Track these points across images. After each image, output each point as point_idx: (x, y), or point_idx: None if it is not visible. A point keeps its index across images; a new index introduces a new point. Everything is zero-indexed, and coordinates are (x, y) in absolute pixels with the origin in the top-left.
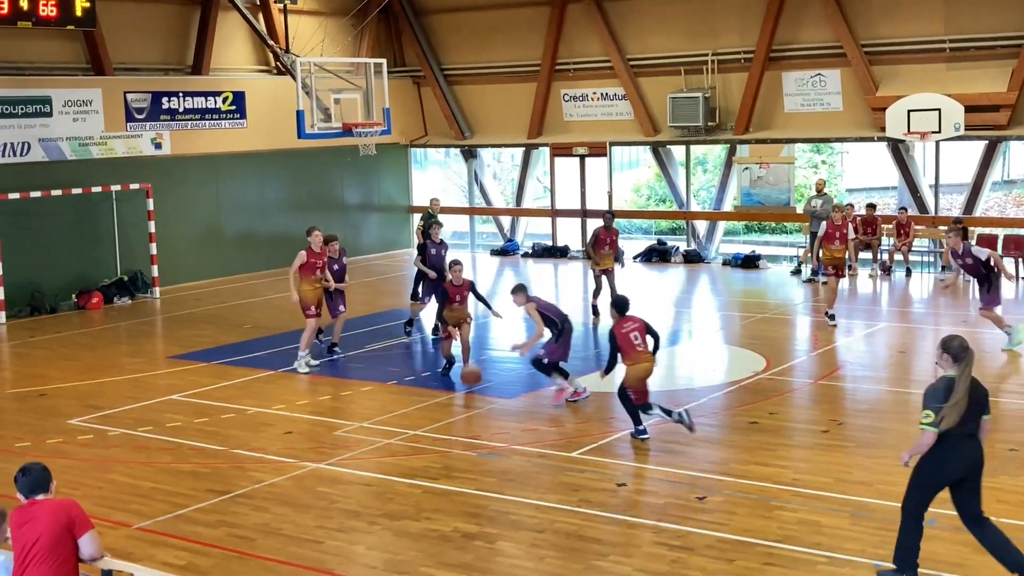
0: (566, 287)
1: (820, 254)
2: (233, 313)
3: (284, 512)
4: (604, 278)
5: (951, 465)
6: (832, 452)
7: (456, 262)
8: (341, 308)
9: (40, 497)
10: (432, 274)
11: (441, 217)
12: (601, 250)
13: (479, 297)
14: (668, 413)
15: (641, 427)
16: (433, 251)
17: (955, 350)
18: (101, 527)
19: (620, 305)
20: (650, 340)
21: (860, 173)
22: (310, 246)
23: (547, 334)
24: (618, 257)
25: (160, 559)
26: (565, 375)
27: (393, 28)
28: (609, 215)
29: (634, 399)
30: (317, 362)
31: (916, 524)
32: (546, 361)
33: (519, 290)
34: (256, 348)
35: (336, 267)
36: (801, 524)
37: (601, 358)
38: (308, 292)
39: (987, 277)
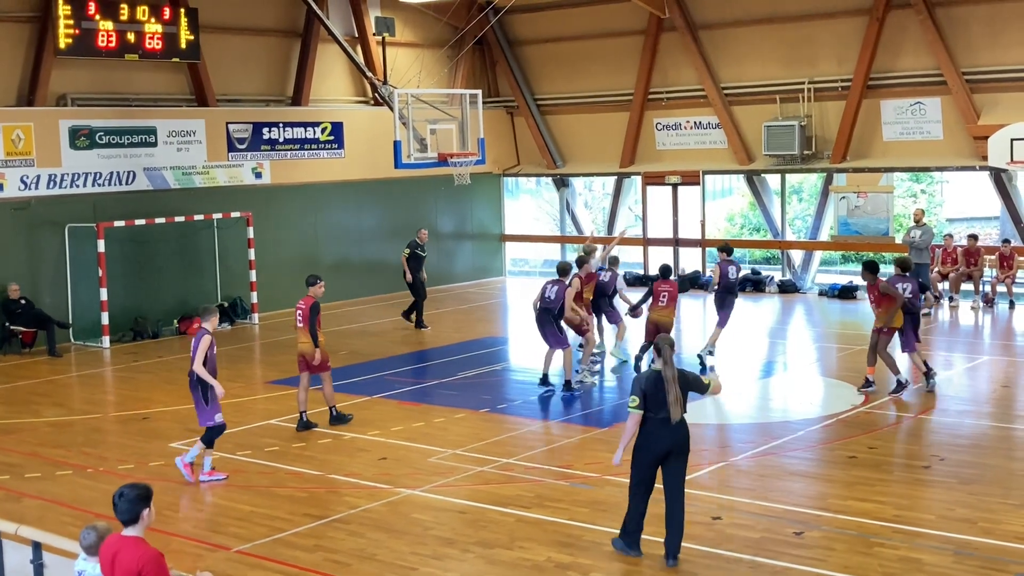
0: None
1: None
2: (329, 339)
3: (379, 538)
4: None
5: (658, 444)
6: (934, 488)
7: None
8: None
9: (131, 533)
10: None
11: (533, 245)
12: None
13: None
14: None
15: None
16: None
17: (657, 345)
18: (201, 549)
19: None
20: None
21: (961, 203)
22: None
23: None
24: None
25: None
26: None
27: (488, 59)
28: None
29: None
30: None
31: (635, 500)
32: None
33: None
34: (352, 374)
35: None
36: (902, 562)
37: None
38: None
39: None
